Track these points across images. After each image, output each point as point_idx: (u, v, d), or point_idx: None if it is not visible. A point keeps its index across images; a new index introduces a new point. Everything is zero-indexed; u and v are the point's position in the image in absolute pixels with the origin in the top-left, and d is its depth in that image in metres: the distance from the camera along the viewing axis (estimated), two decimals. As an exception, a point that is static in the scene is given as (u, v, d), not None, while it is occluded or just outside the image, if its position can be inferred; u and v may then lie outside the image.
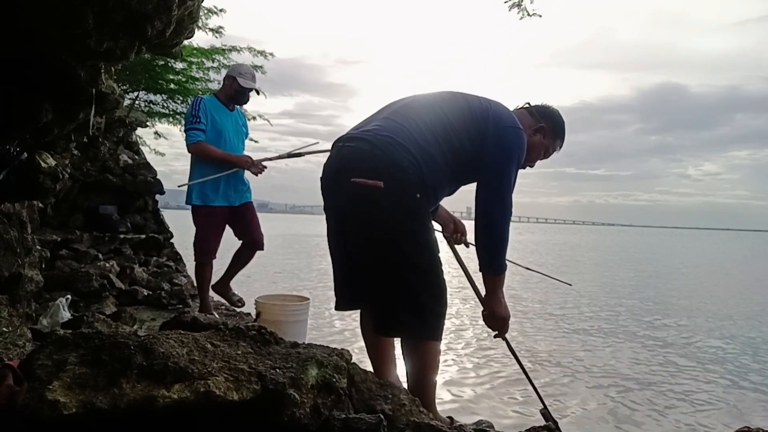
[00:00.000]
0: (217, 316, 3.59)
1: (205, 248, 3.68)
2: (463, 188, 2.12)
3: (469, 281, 2.11)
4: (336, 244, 2.04)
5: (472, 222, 1.94)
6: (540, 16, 3.70)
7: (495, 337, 2.07)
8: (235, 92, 3.80)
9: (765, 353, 5.04)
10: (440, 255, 1.93)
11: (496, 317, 1.99)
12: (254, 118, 8.71)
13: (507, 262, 1.99)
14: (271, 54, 8.41)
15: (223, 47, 8.24)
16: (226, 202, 3.76)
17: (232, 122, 3.87)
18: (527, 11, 3.20)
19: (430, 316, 1.88)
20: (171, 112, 8.86)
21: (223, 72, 8.10)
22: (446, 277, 1.92)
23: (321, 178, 2.01)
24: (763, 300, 9.00)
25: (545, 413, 2.13)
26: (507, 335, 2.08)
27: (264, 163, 3.83)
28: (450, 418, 2.01)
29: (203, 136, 3.59)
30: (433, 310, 1.88)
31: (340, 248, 2.02)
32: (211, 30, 7.97)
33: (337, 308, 2.09)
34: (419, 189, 1.86)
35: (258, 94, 3.92)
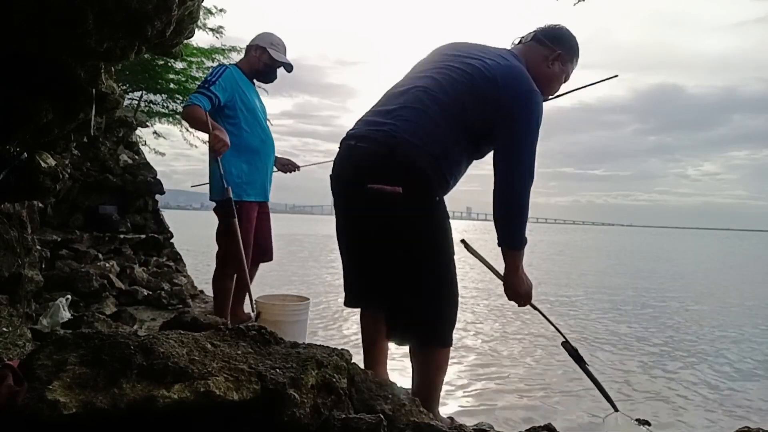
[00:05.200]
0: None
1: (240, 256, 3.03)
2: (461, 189, 2.10)
3: (485, 264, 2.03)
4: (349, 247, 2.01)
5: (471, 221, 1.93)
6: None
7: (520, 306, 1.98)
8: (263, 66, 3.15)
9: (764, 352, 5.04)
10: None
11: (519, 294, 1.92)
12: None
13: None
14: (272, 53, 8.39)
15: (223, 47, 8.25)
16: (262, 196, 3.21)
17: (259, 100, 3.23)
18: None
19: (445, 324, 1.86)
20: (171, 112, 8.87)
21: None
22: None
23: (331, 176, 1.95)
24: (761, 300, 9.00)
25: (567, 346, 2.07)
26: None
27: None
28: (450, 418, 2.02)
29: (206, 104, 2.90)
30: (447, 318, 1.86)
31: (353, 251, 2.00)
32: (211, 30, 7.97)
33: (346, 304, 2.07)
34: (438, 188, 1.82)
35: (289, 71, 3.29)
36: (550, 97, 2.12)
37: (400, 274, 1.83)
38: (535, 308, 2.01)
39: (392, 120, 1.81)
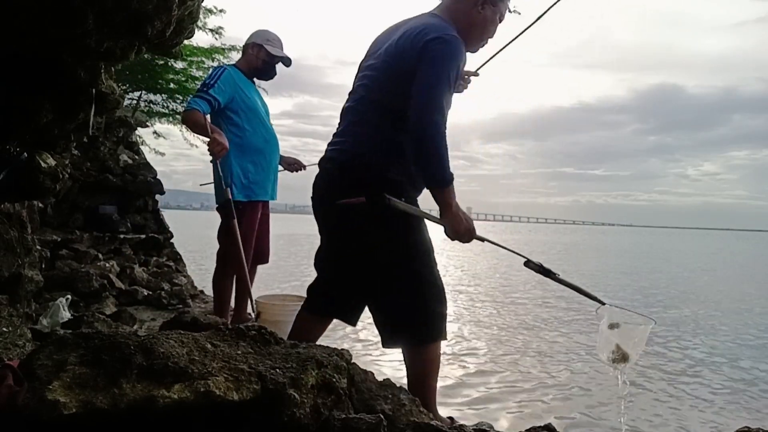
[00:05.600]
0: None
1: (239, 257, 3.03)
2: (462, 189, 2.11)
3: (420, 214, 2.01)
4: (328, 262, 2.09)
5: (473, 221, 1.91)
6: (519, 13, 3.51)
7: (464, 242, 1.90)
8: (262, 63, 3.17)
9: (763, 351, 5.04)
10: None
11: (459, 232, 1.85)
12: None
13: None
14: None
15: (223, 46, 8.25)
16: (268, 196, 3.22)
17: (260, 98, 3.24)
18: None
19: (432, 319, 1.88)
20: (171, 112, 8.87)
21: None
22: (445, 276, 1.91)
23: (311, 198, 2.05)
24: (757, 301, 8.99)
25: (530, 264, 1.98)
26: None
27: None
28: (450, 418, 2.02)
29: (204, 107, 2.92)
30: (434, 312, 1.88)
31: (331, 266, 2.08)
32: (211, 30, 7.97)
33: (311, 311, 2.11)
34: (409, 186, 1.88)
35: (287, 65, 3.28)
36: (504, 43, 2.16)
37: (382, 279, 1.88)
38: (483, 239, 1.92)
39: (344, 137, 1.94)
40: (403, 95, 1.78)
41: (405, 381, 1.92)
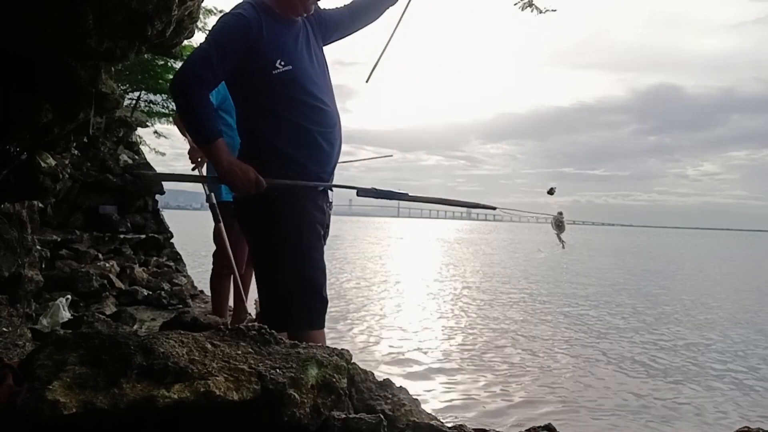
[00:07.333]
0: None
1: (241, 256, 3.12)
2: (461, 189, 2.13)
3: (200, 180, 2.04)
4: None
5: (471, 221, 1.92)
6: (554, 10, 3.43)
7: (253, 192, 1.81)
8: None
9: (762, 352, 5.04)
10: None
11: (237, 185, 1.81)
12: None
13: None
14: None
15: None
16: None
17: None
18: (539, 9, 2.97)
19: (289, 306, 1.90)
20: (171, 112, 8.87)
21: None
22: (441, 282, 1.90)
23: None
24: (757, 302, 8.99)
25: (362, 192, 1.99)
26: None
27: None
28: None
29: None
30: (292, 301, 1.89)
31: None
32: (212, 30, 7.99)
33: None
34: (298, 174, 1.84)
35: None
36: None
37: (257, 263, 1.95)
38: (281, 184, 1.82)
39: None
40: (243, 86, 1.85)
41: (405, 381, 1.92)
